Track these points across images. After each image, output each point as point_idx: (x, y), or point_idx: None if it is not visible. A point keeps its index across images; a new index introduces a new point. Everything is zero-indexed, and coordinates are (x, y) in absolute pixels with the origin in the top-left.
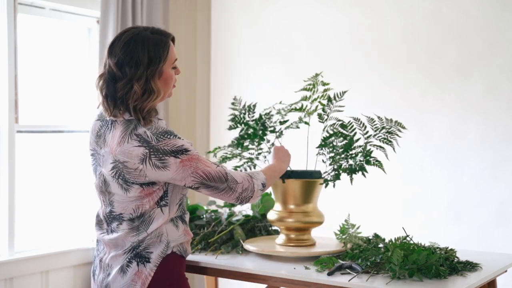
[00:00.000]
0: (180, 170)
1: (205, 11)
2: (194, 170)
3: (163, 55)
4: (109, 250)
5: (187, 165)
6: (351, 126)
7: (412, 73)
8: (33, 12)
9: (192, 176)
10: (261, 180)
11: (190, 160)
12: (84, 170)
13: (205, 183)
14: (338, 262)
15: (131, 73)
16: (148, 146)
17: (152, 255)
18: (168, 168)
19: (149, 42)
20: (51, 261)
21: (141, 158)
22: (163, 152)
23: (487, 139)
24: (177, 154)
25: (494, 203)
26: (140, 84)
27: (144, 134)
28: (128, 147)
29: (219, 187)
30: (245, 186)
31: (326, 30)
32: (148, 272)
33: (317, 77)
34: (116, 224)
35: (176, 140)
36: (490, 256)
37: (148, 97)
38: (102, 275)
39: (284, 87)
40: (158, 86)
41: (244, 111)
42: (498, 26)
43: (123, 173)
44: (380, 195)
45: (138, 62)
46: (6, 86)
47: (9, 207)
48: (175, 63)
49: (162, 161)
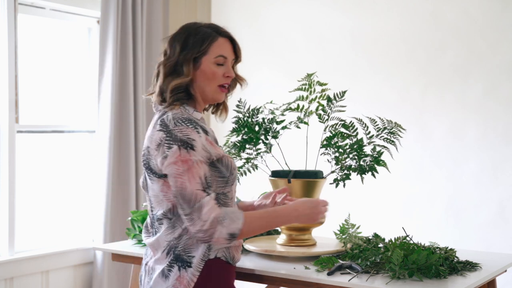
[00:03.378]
0: (171, 166)
1: (205, 11)
2: (176, 176)
3: (203, 45)
4: (153, 254)
5: (178, 164)
6: (353, 126)
7: (412, 73)
8: (33, 12)
9: (171, 180)
10: (230, 230)
11: (183, 162)
12: (84, 170)
13: (177, 196)
14: (338, 262)
15: (168, 55)
16: (166, 130)
17: (193, 259)
18: (166, 159)
19: (192, 30)
20: (51, 261)
21: (158, 143)
22: (174, 138)
23: (487, 139)
24: (182, 145)
25: (493, 203)
26: (170, 64)
27: (166, 118)
28: (153, 131)
29: (184, 209)
30: (205, 227)
31: (326, 30)
32: (190, 278)
33: (310, 77)
34: (157, 223)
35: (193, 131)
36: (490, 256)
37: (172, 76)
38: (147, 279)
39: (283, 87)
40: (188, 70)
41: (248, 115)
42: (498, 26)
43: (149, 161)
44: (380, 195)
45: (175, 46)
46: (6, 86)
47: (9, 207)
48: (219, 60)
49: (168, 148)
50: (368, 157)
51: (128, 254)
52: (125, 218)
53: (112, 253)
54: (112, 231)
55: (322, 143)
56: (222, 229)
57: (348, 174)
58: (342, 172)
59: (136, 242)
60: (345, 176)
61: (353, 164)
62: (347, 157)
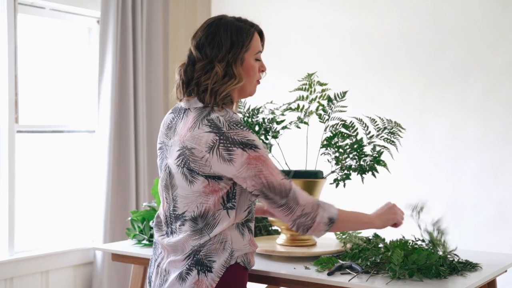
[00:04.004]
0: (245, 168)
1: (205, 11)
2: (257, 173)
3: (246, 41)
4: (167, 255)
5: (252, 164)
6: (353, 126)
7: (412, 73)
8: (33, 12)
9: (253, 180)
10: (330, 214)
11: (256, 159)
12: (84, 170)
13: (264, 191)
14: (338, 262)
15: (212, 54)
16: (219, 132)
17: (214, 264)
18: (233, 162)
19: (232, 26)
20: (51, 261)
21: (209, 145)
22: (232, 141)
23: (487, 139)
24: (245, 147)
25: (493, 203)
26: (222, 65)
27: (216, 119)
28: (199, 132)
29: (277, 202)
30: (306, 211)
31: (326, 30)
32: (209, 283)
33: (311, 77)
34: (178, 224)
35: (249, 133)
36: (490, 256)
37: (228, 81)
38: (159, 281)
39: (283, 87)
40: (239, 72)
41: (248, 115)
42: (498, 26)
43: (189, 161)
44: (380, 195)
45: (220, 44)
46: (6, 86)
47: (9, 207)
48: (258, 55)
49: (229, 152)
50: (368, 157)
51: (128, 254)
52: (125, 218)
53: (112, 253)
54: (112, 231)
55: (322, 143)
56: (324, 213)
57: (348, 174)
58: (342, 172)
59: (136, 242)
60: (345, 176)
61: (353, 164)
62: (347, 157)
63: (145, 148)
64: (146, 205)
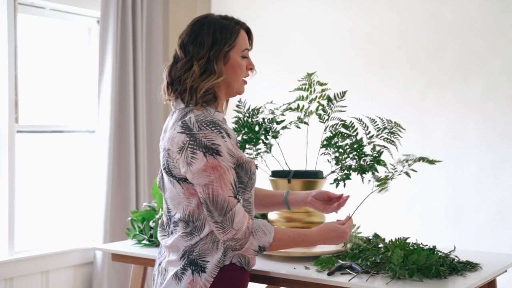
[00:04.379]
0: (199, 174)
1: (205, 11)
2: (207, 183)
3: (230, 39)
4: (168, 254)
5: (208, 171)
6: (353, 126)
7: (412, 73)
8: (33, 12)
9: (201, 188)
10: (261, 243)
11: (213, 168)
12: (84, 170)
13: (207, 203)
14: (338, 262)
15: (193, 52)
16: (189, 133)
17: (208, 264)
18: (191, 166)
19: (216, 24)
20: (51, 261)
21: (180, 146)
22: (198, 143)
23: (487, 139)
24: (207, 151)
25: (493, 203)
26: (200, 63)
27: (188, 120)
28: (173, 133)
29: (215, 217)
30: (237, 236)
31: (326, 30)
32: (203, 283)
33: (310, 76)
34: (173, 225)
35: (217, 136)
36: (490, 256)
37: (207, 77)
38: (160, 279)
39: (283, 87)
40: (221, 68)
41: (248, 115)
42: (498, 26)
43: (168, 163)
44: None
45: (202, 42)
46: (6, 86)
47: (9, 207)
48: (245, 53)
49: (193, 154)
50: (368, 157)
51: (128, 254)
52: (125, 218)
53: (112, 253)
54: (112, 231)
55: (322, 143)
56: (254, 241)
57: (348, 174)
58: (342, 172)
59: (136, 242)
60: (345, 176)
61: (353, 164)
62: (347, 157)
63: (145, 148)
64: (146, 205)
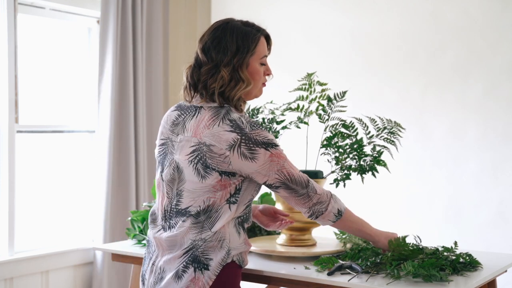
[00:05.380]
0: (267, 165)
1: (205, 12)
2: (280, 168)
3: (251, 46)
4: (162, 252)
5: (275, 161)
6: (353, 126)
7: (412, 73)
8: (33, 12)
9: (277, 174)
10: (340, 206)
11: (278, 156)
12: (84, 170)
13: (287, 183)
14: (338, 262)
15: (218, 58)
16: (241, 133)
17: (211, 262)
18: (256, 160)
19: (238, 31)
20: (51, 261)
21: (230, 144)
22: (254, 142)
23: (487, 139)
24: (267, 146)
25: (493, 203)
26: (227, 70)
27: (238, 120)
28: (219, 130)
29: (299, 191)
30: (322, 199)
31: (326, 30)
32: (206, 281)
33: (310, 76)
34: (178, 219)
35: (268, 133)
36: (490, 256)
37: (236, 85)
38: (153, 279)
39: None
40: (246, 76)
41: (248, 115)
42: (498, 26)
43: (205, 157)
44: (380, 195)
45: (226, 49)
46: (6, 86)
47: (9, 207)
48: (264, 60)
49: (252, 151)
50: (368, 157)
51: (128, 254)
52: (125, 218)
53: (112, 253)
54: (112, 231)
55: (322, 143)
56: (335, 204)
57: (348, 174)
58: (342, 172)
59: (136, 242)
60: (345, 176)
61: (353, 164)
62: (347, 157)
63: (145, 148)
64: (146, 205)
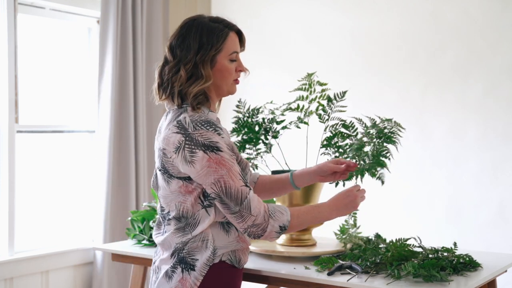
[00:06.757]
0: (205, 171)
1: (205, 11)
2: (218, 178)
3: (217, 43)
4: (161, 253)
5: (213, 167)
6: (353, 126)
7: (412, 73)
8: (33, 12)
9: (213, 184)
10: (281, 222)
11: (218, 163)
12: (84, 170)
13: (221, 196)
14: (338, 262)
15: (181, 55)
16: (184, 133)
17: (197, 262)
18: (194, 164)
19: (204, 28)
20: (51, 261)
21: (176, 146)
22: (195, 143)
23: (487, 139)
24: (207, 149)
25: (493, 203)
26: (187, 68)
27: (183, 119)
28: (168, 133)
29: (231, 208)
30: (257, 222)
31: (326, 30)
32: (192, 281)
33: (311, 76)
34: (166, 223)
35: (214, 134)
36: (490, 256)
37: (194, 82)
38: (154, 277)
39: (283, 87)
40: (208, 72)
41: (248, 115)
42: (498, 26)
43: (163, 162)
44: (380, 195)
45: (189, 46)
46: (6, 86)
47: (9, 207)
48: (233, 56)
49: (192, 154)
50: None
51: (128, 254)
52: (125, 218)
53: (112, 253)
54: (112, 231)
55: (322, 143)
56: (274, 223)
57: (351, 175)
58: None
59: (136, 242)
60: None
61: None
62: (347, 157)
63: (145, 148)
64: (146, 205)
